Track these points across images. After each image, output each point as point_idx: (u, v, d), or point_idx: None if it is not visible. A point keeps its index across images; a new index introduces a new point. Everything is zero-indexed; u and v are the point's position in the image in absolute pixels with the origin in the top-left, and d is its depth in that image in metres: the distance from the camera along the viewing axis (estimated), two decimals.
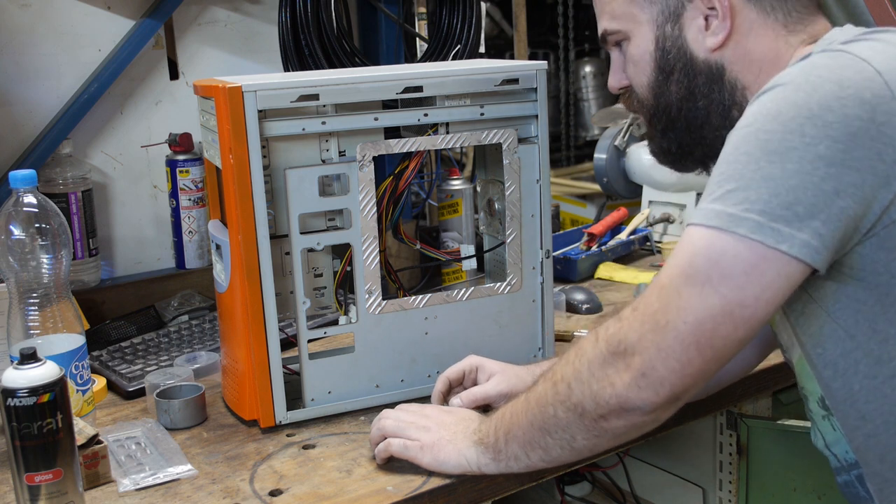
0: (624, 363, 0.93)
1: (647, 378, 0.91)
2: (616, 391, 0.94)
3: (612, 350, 0.94)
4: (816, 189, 0.86)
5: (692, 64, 1.08)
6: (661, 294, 0.91)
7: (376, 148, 1.31)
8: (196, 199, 1.86)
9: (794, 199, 0.86)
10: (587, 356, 0.98)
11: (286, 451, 1.26)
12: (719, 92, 1.08)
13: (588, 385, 0.97)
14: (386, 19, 2.05)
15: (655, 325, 0.90)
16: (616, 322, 0.96)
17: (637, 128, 2.32)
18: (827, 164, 0.86)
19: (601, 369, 0.95)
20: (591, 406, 0.97)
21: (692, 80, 1.09)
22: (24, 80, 1.73)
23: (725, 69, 1.07)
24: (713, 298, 0.88)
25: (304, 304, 1.31)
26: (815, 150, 0.86)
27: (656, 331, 0.90)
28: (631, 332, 0.92)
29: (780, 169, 0.86)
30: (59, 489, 1.05)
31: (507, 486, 1.21)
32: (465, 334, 1.40)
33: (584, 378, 0.97)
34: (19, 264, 1.25)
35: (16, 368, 1.04)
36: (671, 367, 0.90)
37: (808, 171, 0.86)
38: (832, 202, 0.86)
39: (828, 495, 1.47)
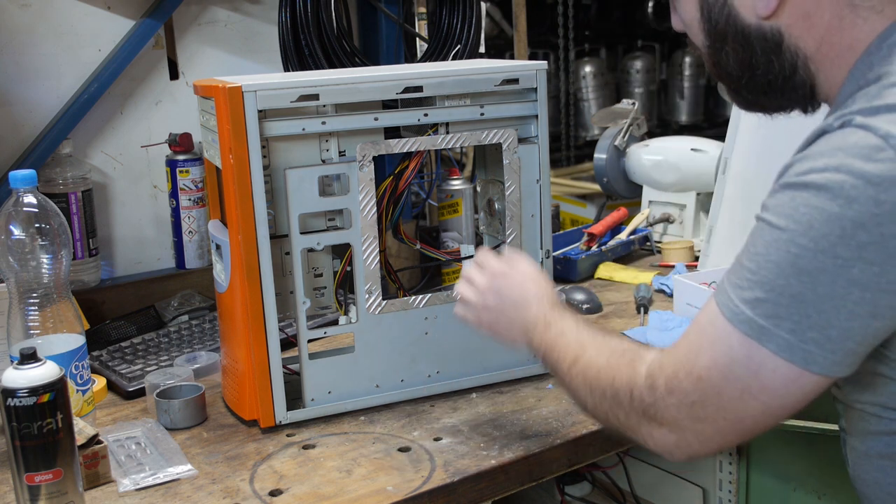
0: (660, 431, 0.95)
1: (683, 450, 0.95)
2: (652, 446, 0.97)
3: (647, 417, 0.96)
4: (850, 313, 0.83)
5: (744, 33, 0.98)
6: (698, 386, 0.91)
7: (376, 148, 1.31)
8: (196, 199, 1.86)
9: (826, 323, 0.83)
10: (623, 406, 0.98)
11: (286, 451, 1.26)
12: (778, 62, 0.98)
13: (624, 427, 1.00)
14: (386, 19, 2.05)
15: (694, 415, 0.92)
16: (650, 393, 0.95)
17: (637, 128, 2.32)
18: (861, 288, 0.82)
19: (637, 425, 0.98)
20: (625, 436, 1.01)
21: (746, 49, 0.99)
22: (24, 80, 1.73)
23: (783, 36, 0.97)
24: (753, 403, 0.89)
25: (304, 304, 1.31)
26: (847, 273, 0.81)
27: (695, 421, 0.92)
28: (667, 413, 0.94)
29: (812, 291, 0.83)
30: (59, 489, 1.05)
31: (507, 486, 1.21)
32: (465, 334, 1.40)
33: (622, 420, 1.00)
34: (19, 264, 1.25)
35: (16, 368, 1.04)
36: (708, 448, 0.94)
37: (841, 295, 0.82)
38: (867, 325, 0.84)
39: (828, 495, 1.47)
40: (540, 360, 1.16)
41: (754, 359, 0.86)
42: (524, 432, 1.28)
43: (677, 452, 0.96)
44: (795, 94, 1.00)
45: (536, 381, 1.45)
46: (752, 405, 0.88)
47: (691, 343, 0.93)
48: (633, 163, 2.26)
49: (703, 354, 0.90)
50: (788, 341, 0.84)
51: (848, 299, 0.82)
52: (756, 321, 0.86)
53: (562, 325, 1.12)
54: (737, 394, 0.88)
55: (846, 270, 0.82)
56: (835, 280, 0.82)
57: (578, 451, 1.27)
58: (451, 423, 1.32)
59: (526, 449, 1.24)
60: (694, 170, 2.15)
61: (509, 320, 1.18)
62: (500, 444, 1.25)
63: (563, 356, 1.09)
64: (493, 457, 1.22)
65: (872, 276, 0.81)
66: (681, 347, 0.94)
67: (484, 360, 1.42)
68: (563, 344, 1.10)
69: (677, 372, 0.92)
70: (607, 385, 1.01)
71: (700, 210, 2.16)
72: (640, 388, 0.96)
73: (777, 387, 0.86)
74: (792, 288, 0.83)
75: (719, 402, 0.89)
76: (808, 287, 0.83)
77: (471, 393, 1.41)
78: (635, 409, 0.97)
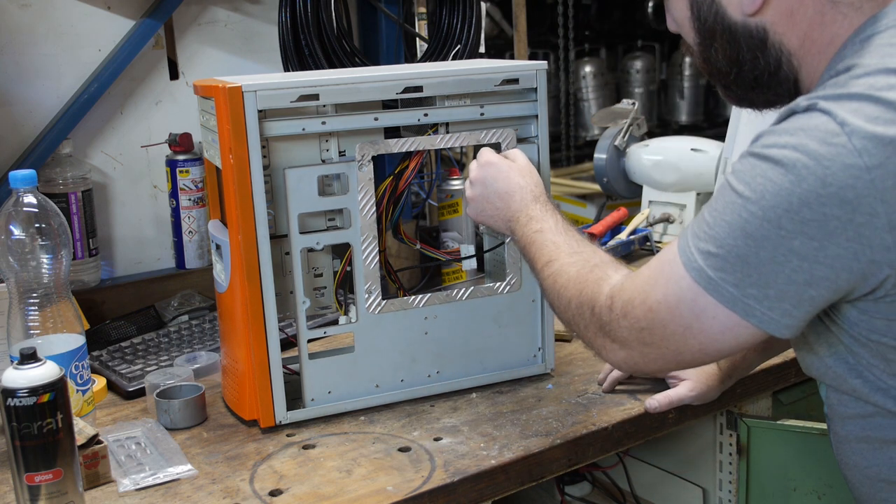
0: (612, 346, 1.05)
1: (631, 366, 1.06)
2: (606, 355, 1.07)
3: (604, 333, 1.05)
4: (787, 279, 0.89)
5: (731, 30, 1.03)
6: (648, 316, 0.99)
7: (376, 148, 1.31)
8: (196, 199, 1.86)
9: (765, 283, 0.90)
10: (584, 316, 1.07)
11: (286, 451, 1.26)
12: (764, 59, 1.03)
13: (584, 335, 1.10)
14: (386, 19, 2.05)
15: (641, 339, 1.01)
16: (607, 312, 1.04)
17: (637, 128, 2.32)
18: (800, 258, 0.88)
19: (594, 337, 1.07)
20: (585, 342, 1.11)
21: (734, 46, 1.04)
22: (24, 80, 1.73)
23: (768, 33, 1.02)
24: (693, 341, 0.97)
25: (304, 304, 1.31)
26: (789, 243, 0.87)
27: (642, 344, 1.01)
28: (619, 333, 1.03)
29: (755, 255, 0.89)
30: (59, 489, 1.05)
31: (506, 486, 1.21)
32: (465, 334, 1.40)
33: (582, 328, 1.09)
34: (19, 264, 1.25)
35: (16, 368, 1.04)
36: (652, 368, 1.05)
37: (780, 261, 0.88)
38: (803, 291, 0.89)
39: (828, 495, 1.47)
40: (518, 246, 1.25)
41: (699, 303, 0.94)
42: (524, 432, 1.28)
43: (624, 366, 1.07)
44: (781, 88, 1.05)
45: (536, 381, 1.45)
46: (692, 343, 0.97)
47: (650, 275, 1.00)
48: (633, 163, 2.26)
49: (657, 289, 0.98)
50: (732, 294, 0.91)
51: (786, 266, 0.88)
52: (705, 271, 0.92)
53: (541, 224, 1.21)
54: (680, 330, 0.96)
55: (787, 241, 0.87)
56: (776, 248, 0.88)
57: (578, 451, 1.27)
58: (451, 423, 1.32)
59: (526, 449, 1.24)
60: (694, 170, 2.15)
61: (494, 209, 1.27)
62: (500, 444, 1.25)
63: (539, 255, 1.18)
64: (493, 457, 1.22)
65: (812, 249, 0.87)
66: (640, 277, 1.01)
67: (484, 360, 1.42)
68: (540, 242, 1.19)
69: (633, 299, 1.00)
70: (574, 295, 1.09)
71: (700, 210, 2.16)
72: (601, 306, 1.05)
73: (715, 332, 0.94)
74: (738, 249, 0.90)
75: (664, 334, 0.98)
76: (752, 251, 0.89)
77: (471, 393, 1.41)
78: (594, 322, 1.06)
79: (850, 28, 0.98)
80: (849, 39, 0.97)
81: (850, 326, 0.95)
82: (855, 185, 0.85)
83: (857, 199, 0.85)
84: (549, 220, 1.21)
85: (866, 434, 1.00)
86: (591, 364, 1.50)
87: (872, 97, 0.86)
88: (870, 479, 1.02)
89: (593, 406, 1.35)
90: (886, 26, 0.94)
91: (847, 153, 0.85)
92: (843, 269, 0.87)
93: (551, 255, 1.16)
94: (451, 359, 1.40)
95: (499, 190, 1.26)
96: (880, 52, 0.92)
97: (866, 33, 0.96)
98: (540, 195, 1.25)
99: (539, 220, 1.21)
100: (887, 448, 0.99)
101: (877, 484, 1.01)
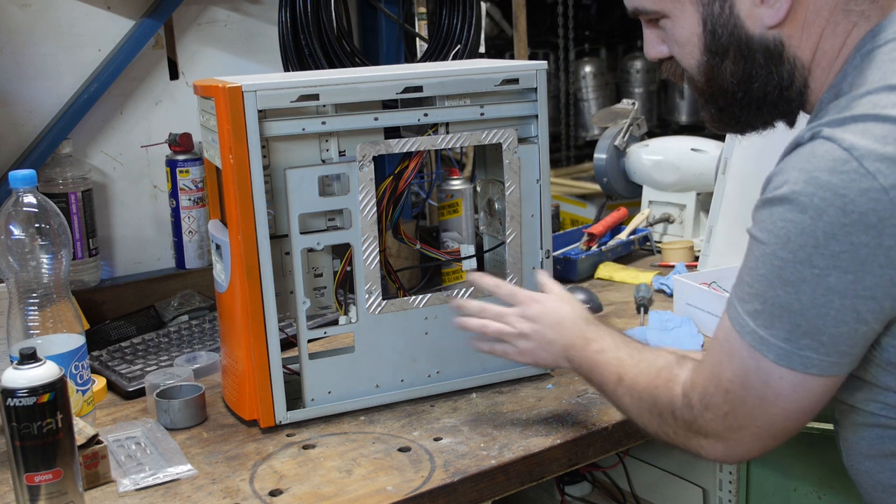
0: (708, 442, 1.00)
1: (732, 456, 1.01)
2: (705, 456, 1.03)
3: (693, 432, 1.01)
4: (835, 320, 0.86)
5: (748, 44, 0.99)
6: (727, 398, 0.96)
7: (376, 148, 1.31)
8: (196, 199, 1.86)
9: (816, 330, 0.87)
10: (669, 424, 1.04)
11: (286, 451, 1.26)
12: (777, 73, 0.99)
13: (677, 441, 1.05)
14: (386, 19, 2.05)
15: (729, 426, 0.97)
16: (688, 410, 1.00)
17: (637, 128, 2.32)
18: (840, 296, 0.85)
19: (686, 440, 1.03)
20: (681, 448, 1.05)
21: (748, 61, 1.00)
22: (24, 80, 1.73)
23: (784, 46, 0.98)
24: (773, 410, 0.93)
25: (304, 304, 1.31)
26: (825, 282, 0.85)
27: (732, 430, 0.97)
28: (708, 427, 0.99)
29: (797, 300, 0.87)
30: (59, 489, 1.05)
31: (506, 486, 1.21)
32: (465, 334, 1.40)
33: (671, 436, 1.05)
34: (19, 264, 1.25)
35: (16, 368, 1.04)
36: (753, 451, 0.99)
37: (822, 303, 0.86)
38: (855, 330, 0.87)
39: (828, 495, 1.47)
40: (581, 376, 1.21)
41: (763, 368, 0.91)
42: (524, 432, 1.28)
43: (730, 459, 1.02)
44: (788, 106, 1.02)
45: (536, 381, 1.45)
46: (773, 411, 0.93)
47: (714, 358, 0.97)
48: (633, 163, 2.26)
49: (726, 368, 0.95)
50: (785, 349, 0.89)
51: (830, 307, 0.86)
52: (757, 332, 0.90)
53: (600, 343, 1.17)
54: (757, 402, 0.93)
55: (824, 279, 0.85)
56: (815, 289, 0.86)
57: (578, 451, 1.27)
58: (451, 423, 1.32)
59: (526, 449, 1.24)
60: (694, 170, 2.15)
61: (548, 342, 1.22)
62: (500, 444, 1.25)
63: (607, 376, 1.14)
64: (493, 457, 1.21)
65: (849, 283, 0.85)
66: (706, 364, 0.99)
67: (484, 360, 1.42)
68: (604, 362, 1.15)
69: (707, 387, 0.98)
70: (651, 406, 1.06)
71: (700, 210, 2.16)
72: (680, 409, 1.01)
73: (787, 392, 0.91)
74: (780, 298, 0.88)
75: (746, 411, 0.94)
76: (794, 297, 0.87)
77: (471, 393, 1.41)
78: (680, 426, 1.02)
79: (857, 37, 0.96)
80: (850, 55, 0.96)
81: (881, 352, 0.92)
82: (876, 208, 0.83)
83: (881, 223, 0.83)
84: (606, 338, 1.17)
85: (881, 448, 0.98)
86: None
87: (878, 116, 0.85)
88: (883, 485, 1.00)
89: (593, 406, 1.35)
90: (885, 40, 0.93)
91: (860, 178, 0.83)
92: (886, 297, 0.85)
93: (618, 371, 1.12)
94: (451, 359, 1.40)
95: (551, 322, 1.22)
96: (882, 69, 0.90)
97: (866, 48, 0.94)
98: (589, 317, 1.21)
99: (597, 341, 1.17)
100: None
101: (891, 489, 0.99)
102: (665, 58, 1.08)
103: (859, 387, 0.97)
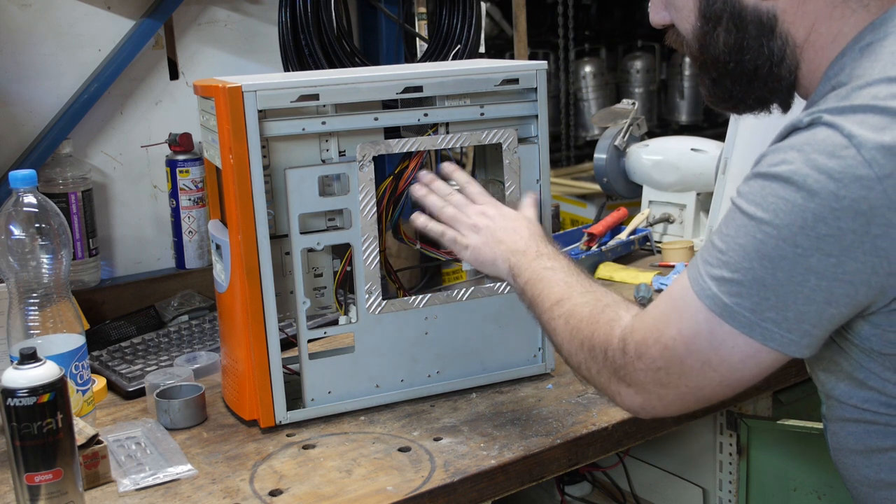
0: (627, 391, 1.01)
1: (647, 411, 1.01)
2: (619, 403, 1.03)
3: (617, 377, 1.01)
4: (806, 298, 0.87)
5: (740, 14, 1.00)
6: (664, 354, 0.95)
7: (376, 148, 1.31)
8: (196, 199, 1.86)
9: (784, 305, 0.88)
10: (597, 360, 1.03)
11: (286, 451, 1.26)
12: (769, 46, 1.00)
13: (596, 380, 1.05)
14: (386, 19, 2.05)
15: (658, 380, 0.97)
16: (620, 355, 1.00)
17: (637, 128, 2.32)
18: (818, 276, 0.86)
19: (608, 382, 1.03)
20: (596, 388, 1.06)
21: (741, 31, 1.00)
22: (24, 80, 1.73)
23: (778, 20, 0.99)
24: (713, 374, 0.94)
25: (304, 304, 1.31)
26: (806, 262, 0.86)
27: (659, 385, 0.97)
28: (635, 376, 0.99)
29: (772, 276, 0.87)
30: (59, 489, 1.05)
31: (506, 486, 1.21)
32: (465, 334, 1.40)
33: (594, 373, 1.05)
34: (19, 264, 1.25)
35: (16, 368, 1.04)
36: (670, 410, 1.00)
37: (798, 281, 0.87)
38: (823, 310, 0.88)
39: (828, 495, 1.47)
40: (516, 289, 1.19)
41: (716, 333, 0.91)
42: (524, 432, 1.28)
43: (642, 412, 1.02)
44: (779, 84, 1.03)
45: (536, 381, 1.45)
46: (712, 376, 0.93)
47: (662, 312, 0.97)
48: (633, 163, 2.26)
49: (671, 325, 0.95)
50: (749, 319, 0.89)
51: (805, 285, 0.87)
52: (721, 298, 0.90)
53: (553, 262, 1.17)
54: (698, 364, 0.93)
55: (805, 259, 0.86)
56: (794, 267, 0.86)
57: (578, 451, 1.27)
58: (451, 423, 1.32)
59: (526, 449, 1.24)
60: (694, 170, 2.15)
61: (497, 241, 1.22)
62: (500, 444, 1.25)
63: (548, 292, 1.13)
64: (493, 457, 1.21)
65: (829, 266, 0.86)
66: (652, 315, 0.98)
67: (484, 360, 1.42)
68: (550, 279, 1.14)
69: (646, 338, 0.97)
70: (586, 338, 1.05)
71: (700, 210, 2.16)
72: (614, 349, 1.01)
73: (735, 361, 0.91)
74: (755, 271, 0.88)
75: (682, 371, 0.95)
76: (769, 272, 0.87)
77: (471, 393, 1.41)
78: (607, 367, 1.02)
79: (855, 27, 0.97)
80: (848, 46, 0.97)
81: (862, 341, 0.94)
82: (868, 196, 0.83)
83: (871, 211, 0.84)
84: (560, 259, 1.17)
85: (867, 443, 0.99)
86: None
87: (877, 107, 0.86)
88: (868, 479, 1.01)
89: (593, 406, 1.35)
90: (886, 34, 0.93)
91: (857, 165, 0.84)
92: (862, 283, 0.86)
93: (562, 293, 1.12)
94: (451, 359, 1.40)
95: (506, 226, 1.22)
96: (882, 62, 0.91)
97: (866, 41, 0.95)
98: (549, 239, 1.21)
99: (550, 258, 1.17)
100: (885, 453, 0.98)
101: (875, 484, 1.01)
102: (668, 24, 1.10)
103: (844, 380, 0.98)
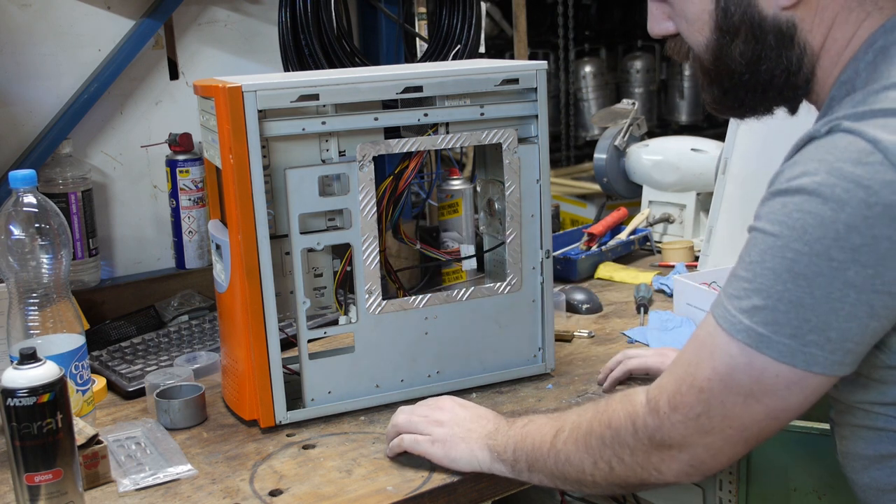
0: (670, 455, 0.95)
1: (697, 468, 0.96)
2: (664, 477, 0.98)
3: (655, 444, 0.96)
4: (848, 315, 0.84)
5: (760, 24, 0.97)
6: (701, 398, 0.92)
7: (376, 148, 1.31)
8: (196, 199, 1.86)
9: (825, 325, 0.84)
10: (627, 443, 0.98)
11: (286, 451, 1.26)
12: (787, 57, 0.97)
13: (632, 469, 0.99)
14: (386, 19, 2.05)
15: (700, 428, 0.92)
16: (653, 416, 0.96)
17: (637, 128, 2.32)
18: (857, 290, 0.83)
19: (646, 459, 0.97)
20: (634, 482, 1.00)
21: (759, 42, 0.98)
22: (23, 80, 1.73)
23: (797, 29, 0.96)
24: (757, 408, 0.90)
25: (304, 304, 1.31)
26: (843, 276, 0.82)
27: (702, 434, 0.93)
28: (674, 432, 0.94)
29: (809, 295, 0.84)
30: (59, 489, 1.05)
31: (507, 486, 1.21)
32: (465, 334, 1.40)
33: (628, 462, 0.99)
34: (19, 264, 1.25)
35: (16, 368, 1.04)
36: (720, 461, 0.95)
37: (838, 297, 0.83)
38: (865, 325, 0.85)
39: (828, 495, 1.47)
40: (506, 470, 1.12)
41: (755, 365, 0.87)
42: None
43: (692, 472, 0.96)
44: (793, 92, 1.01)
45: (536, 381, 1.45)
46: (756, 409, 0.90)
47: (690, 358, 0.93)
48: (633, 163, 2.26)
49: (704, 366, 0.91)
50: (790, 346, 0.85)
51: (845, 301, 0.83)
52: (755, 329, 0.87)
53: (527, 418, 1.12)
54: (740, 400, 0.89)
55: (842, 273, 0.83)
56: (831, 283, 0.83)
57: None
58: None
59: None
60: (694, 170, 2.15)
61: (466, 430, 1.16)
62: None
63: (542, 437, 1.07)
64: None
65: (867, 277, 0.82)
66: (679, 364, 0.95)
67: (484, 360, 1.42)
68: (536, 427, 1.09)
69: (679, 388, 0.93)
70: (604, 430, 1.00)
71: (700, 210, 2.16)
72: (643, 416, 0.97)
73: (780, 389, 0.88)
74: (790, 293, 0.84)
75: (724, 411, 0.91)
76: (806, 291, 0.84)
77: (471, 393, 1.41)
78: (641, 439, 0.97)
79: (867, 30, 0.95)
80: (860, 49, 0.95)
81: (889, 356, 0.90)
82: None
83: None
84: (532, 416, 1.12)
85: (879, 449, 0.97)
86: (591, 364, 1.50)
87: None
88: (878, 483, 0.99)
89: None
90: None
91: (885, 169, 0.81)
92: None
93: (556, 425, 1.06)
94: (451, 359, 1.40)
95: (469, 415, 1.18)
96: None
97: (879, 44, 0.93)
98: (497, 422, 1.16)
99: (523, 419, 1.12)
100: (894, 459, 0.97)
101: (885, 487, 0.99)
102: (670, 35, 1.07)
103: (861, 387, 0.95)
